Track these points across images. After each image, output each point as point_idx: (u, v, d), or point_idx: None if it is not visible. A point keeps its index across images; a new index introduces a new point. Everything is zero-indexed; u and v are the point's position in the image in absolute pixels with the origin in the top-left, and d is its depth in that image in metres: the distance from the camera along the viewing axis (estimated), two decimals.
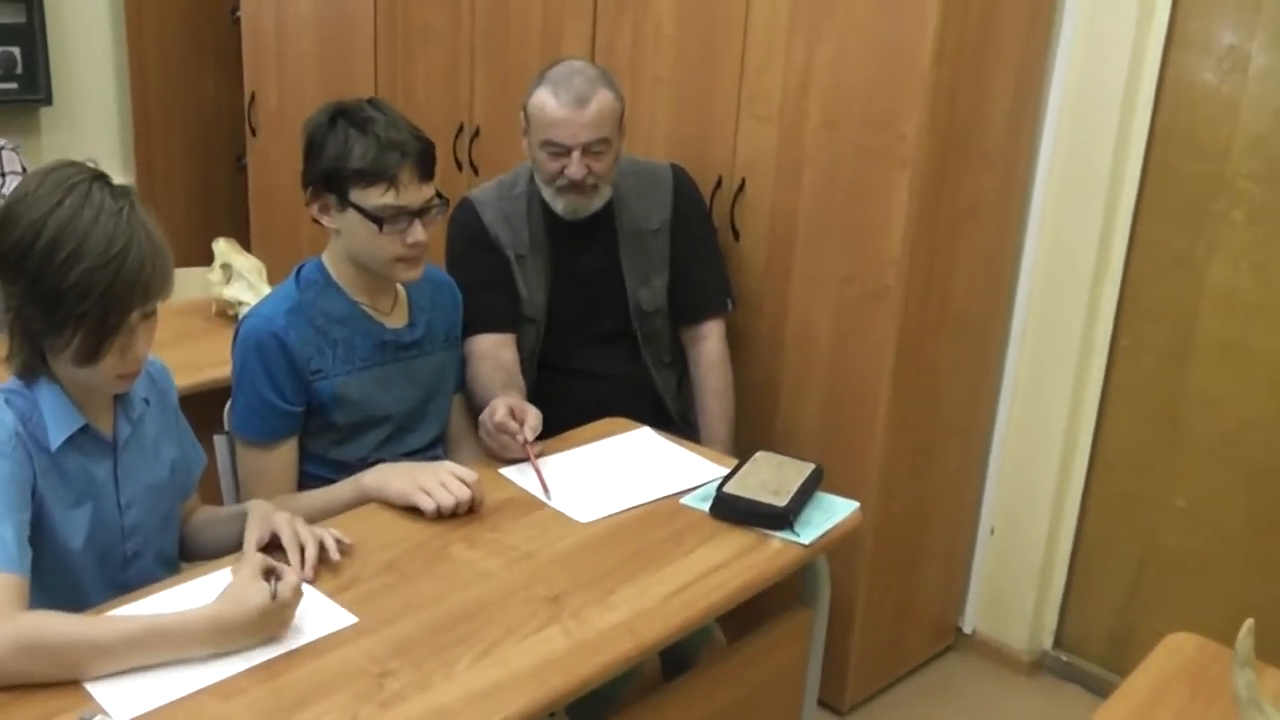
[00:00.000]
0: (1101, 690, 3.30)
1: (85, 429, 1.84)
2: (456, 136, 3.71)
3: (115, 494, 1.91)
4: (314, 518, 2.04)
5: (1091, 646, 3.41)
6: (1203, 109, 2.95)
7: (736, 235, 3.11)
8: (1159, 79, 2.99)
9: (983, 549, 3.46)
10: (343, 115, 2.22)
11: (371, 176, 2.18)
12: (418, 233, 2.23)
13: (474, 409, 2.57)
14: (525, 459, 2.35)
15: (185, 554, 2.14)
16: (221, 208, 5.03)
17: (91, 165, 1.81)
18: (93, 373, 1.79)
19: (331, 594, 1.86)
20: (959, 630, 3.55)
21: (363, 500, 2.19)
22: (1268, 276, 2.92)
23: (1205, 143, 2.96)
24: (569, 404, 2.65)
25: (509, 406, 2.38)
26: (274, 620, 1.71)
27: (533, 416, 2.38)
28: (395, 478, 2.18)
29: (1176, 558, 3.19)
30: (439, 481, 2.14)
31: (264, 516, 1.98)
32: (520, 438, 2.34)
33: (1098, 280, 3.12)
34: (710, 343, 2.97)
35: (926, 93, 2.71)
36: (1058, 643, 3.47)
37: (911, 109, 2.73)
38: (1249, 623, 1.42)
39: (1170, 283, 3.07)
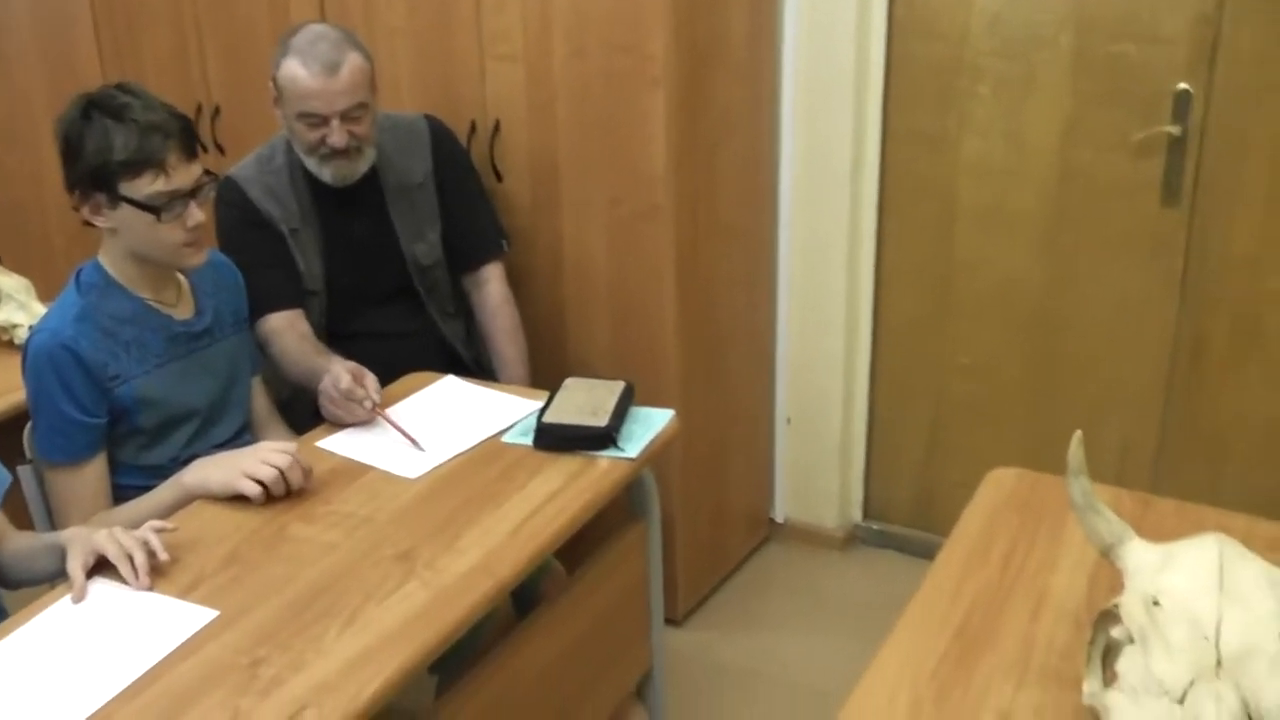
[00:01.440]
0: (915, 550, 3.51)
1: None
2: (196, 117, 3.59)
3: None
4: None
5: (898, 511, 3.60)
6: None
7: (499, 176, 3.13)
8: None
9: (782, 440, 3.60)
10: (95, 107, 2.12)
11: (139, 165, 2.10)
12: (196, 214, 2.17)
13: (288, 384, 2.54)
14: (371, 421, 2.39)
15: (6, 582, 2.07)
16: None
17: None
18: None
19: (182, 595, 1.83)
20: (772, 521, 3.69)
21: (186, 500, 2.14)
22: (1018, 143, 3.10)
23: (943, 28, 3.11)
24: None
25: (351, 373, 2.38)
26: None
27: (371, 379, 2.39)
28: (215, 470, 2.14)
29: (965, 412, 3.40)
30: (260, 461, 2.12)
31: (83, 541, 1.91)
32: (368, 402, 2.36)
33: (856, 170, 3.25)
34: (492, 286, 2.99)
35: (668, 11, 2.76)
36: (866, 514, 3.65)
37: (656, 29, 2.78)
38: (1078, 434, 1.48)
39: (927, 162, 3.23)
